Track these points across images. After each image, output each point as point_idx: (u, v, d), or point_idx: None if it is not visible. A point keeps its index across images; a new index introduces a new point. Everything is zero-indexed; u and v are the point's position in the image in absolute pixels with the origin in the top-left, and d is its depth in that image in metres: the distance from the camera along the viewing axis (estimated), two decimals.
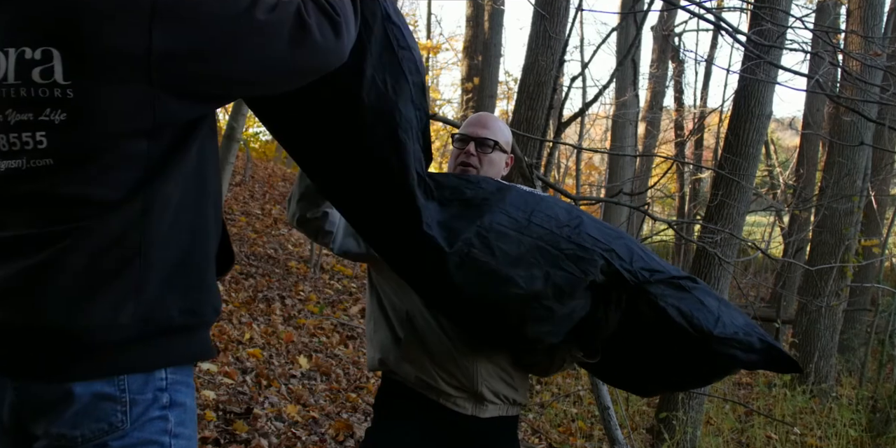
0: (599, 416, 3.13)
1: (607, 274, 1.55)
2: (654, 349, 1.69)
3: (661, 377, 1.82)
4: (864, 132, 7.34)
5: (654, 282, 1.57)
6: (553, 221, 1.57)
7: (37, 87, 1.04)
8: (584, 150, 4.67)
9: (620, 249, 1.58)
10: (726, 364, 1.66)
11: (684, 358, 1.66)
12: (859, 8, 7.40)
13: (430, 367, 1.73)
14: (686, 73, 15.47)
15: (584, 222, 1.61)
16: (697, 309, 1.57)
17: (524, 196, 1.63)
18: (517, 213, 1.56)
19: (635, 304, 1.58)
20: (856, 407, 6.16)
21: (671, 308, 1.56)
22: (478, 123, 1.92)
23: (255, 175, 12.10)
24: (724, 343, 1.58)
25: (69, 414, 1.07)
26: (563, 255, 1.52)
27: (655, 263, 1.62)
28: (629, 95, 10.04)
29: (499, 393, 1.76)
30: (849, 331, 8.65)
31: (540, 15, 5.82)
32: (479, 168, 1.86)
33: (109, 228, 1.07)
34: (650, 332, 1.62)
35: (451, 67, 20.32)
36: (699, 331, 1.56)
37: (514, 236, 1.52)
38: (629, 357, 1.75)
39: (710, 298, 1.62)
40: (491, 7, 11.53)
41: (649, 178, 12.08)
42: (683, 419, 4.82)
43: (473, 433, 1.76)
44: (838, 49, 4.74)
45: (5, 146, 1.06)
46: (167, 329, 1.13)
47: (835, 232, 7.42)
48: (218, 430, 3.41)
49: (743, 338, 1.59)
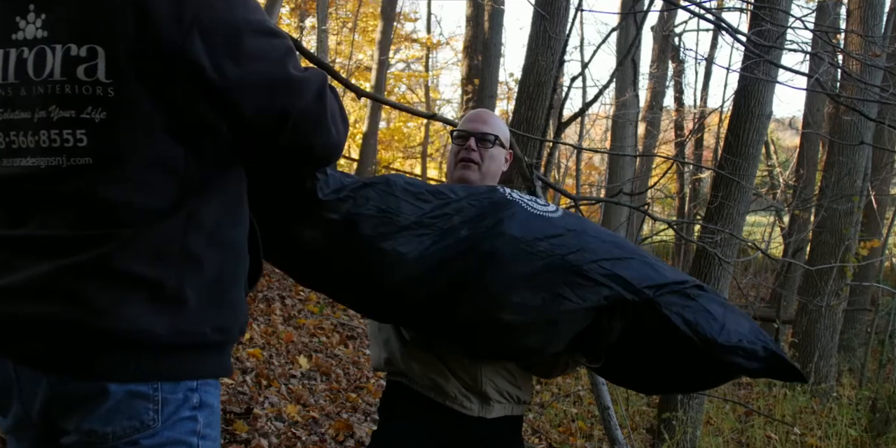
0: (599, 416, 3.13)
1: (610, 299, 1.52)
2: (658, 353, 1.68)
3: (665, 380, 1.81)
4: (864, 132, 7.34)
5: (660, 295, 1.55)
6: (557, 248, 1.52)
7: (81, 84, 1.04)
8: (584, 150, 4.66)
9: (627, 272, 1.53)
10: (729, 371, 1.66)
11: (688, 364, 1.66)
12: (859, 8, 7.40)
13: (439, 365, 1.72)
14: (686, 73, 15.49)
15: (588, 246, 1.54)
16: (702, 317, 1.55)
17: (527, 223, 1.55)
18: (518, 244, 1.51)
19: (640, 314, 1.57)
20: (856, 407, 6.16)
21: (675, 317, 1.54)
22: (477, 119, 1.91)
23: None
24: (728, 351, 1.56)
25: (102, 410, 1.07)
26: (562, 283, 1.49)
27: (661, 276, 1.57)
28: (629, 95, 10.03)
29: (503, 391, 1.75)
30: (849, 331, 8.65)
31: (540, 15, 5.82)
32: (481, 163, 1.84)
33: (152, 238, 1.08)
34: (654, 337, 1.61)
35: (452, 67, 20.34)
36: (703, 339, 1.54)
37: (513, 264, 1.49)
38: (633, 360, 1.75)
39: (716, 305, 1.60)
40: (491, 7, 11.53)
41: (649, 178, 12.07)
42: (683, 419, 4.82)
43: (479, 435, 1.75)
44: (838, 49, 4.75)
45: (46, 142, 1.06)
46: (200, 344, 1.14)
47: (835, 232, 7.42)
48: None
49: (747, 346, 1.57)
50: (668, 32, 13.29)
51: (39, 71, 1.06)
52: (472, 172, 1.85)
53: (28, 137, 1.08)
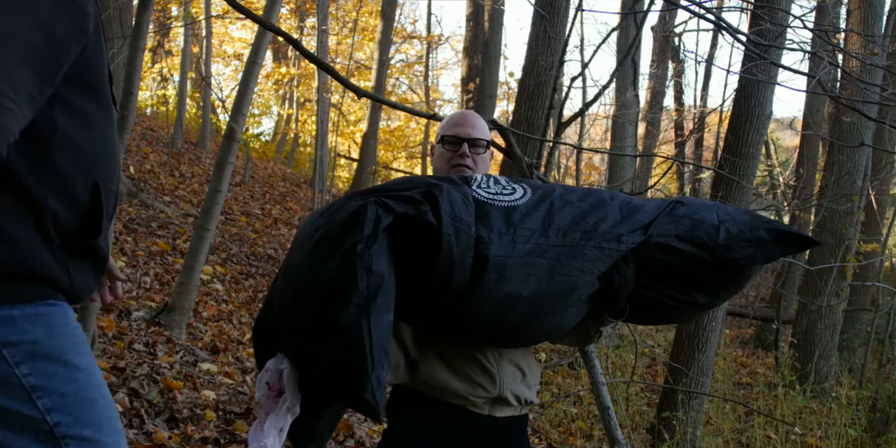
0: (599, 416, 3.13)
1: (608, 260, 1.53)
2: (673, 276, 1.65)
3: (690, 302, 1.73)
4: (864, 132, 7.35)
5: (651, 231, 1.55)
6: (537, 234, 1.50)
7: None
8: (584, 150, 4.66)
9: (608, 227, 1.53)
10: (746, 265, 1.63)
11: (706, 275, 1.63)
12: (859, 8, 7.41)
13: (456, 376, 1.71)
14: (686, 73, 15.51)
15: (559, 220, 1.52)
16: (697, 229, 1.57)
17: (498, 215, 1.52)
18: (501, 241, 1.48)
19: (642, 252, 1.57)
20: (856, 407, 6.16)
21: (672, 240, 1.55)
22: (466, 123, 1.90)
23: (255, 175, 12.10)
24: (735, 248, 1.57)
25: None
26: (555, 262, 1.49)
27: (644, 214, 1.57)
28: (629, 95, 10.04)
29: (520, 397, 1.77)
30: (849, 331, 8.66)
31: (540, 15, 5.83)
32: (475, 168, 1.86)
33: None
34: (664, 265, 1.60)
35: (452, 67, 20.35)
36: (707, 248, 1.55)
37: (507, 261, 1.47)
38: (651, 293, 1.69)
39: (703, 211, 1.60)
40: (491, 7, 11.54)
41: (649, 178, 12.09)
42: (683, 419, 4.83)
43: (489, 433, 1.76)
44: (838, 48, 4.74)
45: None
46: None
47: (835, 232, 7.42)
48: (218, 430, 3.41)
49: (750, 234, 1.58)
50: (668, 32, 13.30)
51: None
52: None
53: None
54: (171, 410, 3.43)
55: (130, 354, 3.90)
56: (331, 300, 1.35)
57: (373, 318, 1.35)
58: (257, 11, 6.54)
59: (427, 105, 15.86)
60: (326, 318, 1.36)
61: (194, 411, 3.49)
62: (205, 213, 4.52)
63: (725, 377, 7.60)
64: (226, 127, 4.77)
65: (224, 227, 8.01)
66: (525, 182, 1.66)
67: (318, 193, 9.44)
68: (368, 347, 1.35)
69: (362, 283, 1.34)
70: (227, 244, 7.39)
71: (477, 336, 1.63)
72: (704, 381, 5.12)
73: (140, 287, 5.12)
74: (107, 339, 3.96)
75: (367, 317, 1.34)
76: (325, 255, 1.38)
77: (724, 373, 7.74)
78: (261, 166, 13.48)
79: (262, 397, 1.50)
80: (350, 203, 1.43)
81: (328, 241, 1.39)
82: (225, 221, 8.27)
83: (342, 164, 17.97)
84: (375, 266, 1.35)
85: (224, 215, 8.32)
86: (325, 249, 1.39)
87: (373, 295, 1.35)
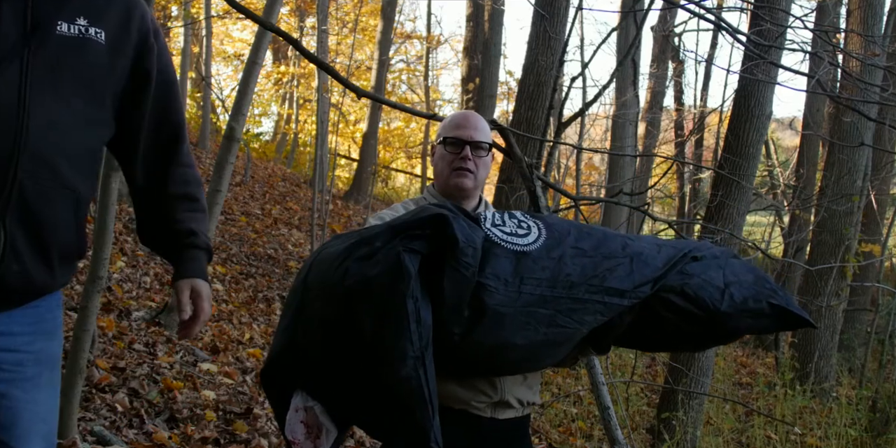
0: (599, 416, 3.13)
1: (608, 313, 1.52)
2: (665, 326, 1.65)
3: (674, 344, 1.81)
4: (864, 132, 7.35)
5: (657, 286, 1.55)
6: (545, 285, 1.48)
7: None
8: (584, 150, 4.66)
9: (617, 282, 1.51)
10: (739, 332, 1.67)
11: (698, 332, 1.65)
12: (859, 8, 7.41)
13: (459, 385, 1.71)
14: (686, 73, 15.49)
15: (568, 271, 1.50)
16: (702, 290, 1.56)
17: (508, 261, 1.49)
18: (506, 290, 1.46)
19: (644, 304, 1.57)
20: (856, 407, 6.16)
21: (676, 297, 1.55)
22: (468, 125, 1.89)
23: (255, 175, 12.10)
24: (734, 317, 1.57)
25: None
26: (556, 313, 1.48)
27: (653, 269, 1.55)
28: (629, 95, 10.04)
29: (522, 400, 1.78)
30: (849, 331, 8.66)
31: (540, 15, 5.83)
32: (476, 172, 1.86)
33: None
34: (661, 316, 1.61)
35: (452, 67, 20.35)
36: (708, 311, 1.55)
37: (508, 311, 1.46)
38: (641, 333, 1.72)
39: (713, 271, 1.59)
40: (491, 7, 11.53)
41: (649, 178, 12.08)
42: (683, 419, 4.83)
43: (491, 435, 1.76)
44: (838, 48, 4.74)
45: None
46: None
47: (835, 232, 7.43)
48: (218, 430, 3.41)
49: (753, 306, 1.57)
50: (668, 32, 13.29)
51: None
52: (469, 180, 1.86)
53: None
54: (171, 410, 3.43)
55: (130, 354, 3.90)
56: (388, 356, 1.34)
57: (427, 367, 1.35)
58: (257, 11, 6.54)
59: (427, 105, 15.83)
60: (384, 372, 1.35)
61: (194, 411, 3.49)
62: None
63: (725, 377, 7.60)
64: (226, 127, 4.77)
65: (224, 227, 8.01)
66: (540, 219, 1.62)
67: (318, 193, 9.43)
68: (427, 395, 1.35)
69: (415, 336, 1.33)
70: (227, 244, 7.39)
71: (469, 371, 1.64)
72: (704, 381, 5.12)
73: (140, 287, 5.12)
74: (107, 339, 3.96)
75: (424, 366, 1.34)
76: (374, 308, 1.36)
77: (724, 373, 7.74)
78: (261, 166, 13.47)
79: (302, 437, 1.49)
80: (377, 245, 1.39)
81: (370, 296, 1.36)
82: (225, 221, 8.27)
83: (342, 164, 17.96)
84: (424, 315, 1.35)
85: (224, 215, 8.31)
86: (372, 302, 1.36)
87: (425, 345, 1.35)
